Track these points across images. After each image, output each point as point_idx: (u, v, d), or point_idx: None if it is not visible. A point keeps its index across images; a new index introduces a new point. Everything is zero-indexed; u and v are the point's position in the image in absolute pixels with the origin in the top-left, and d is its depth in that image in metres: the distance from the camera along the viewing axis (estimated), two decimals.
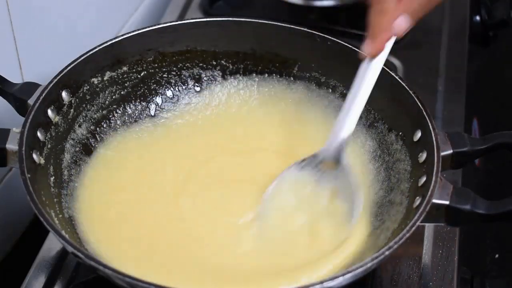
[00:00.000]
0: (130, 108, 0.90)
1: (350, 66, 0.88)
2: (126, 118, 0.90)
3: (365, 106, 0.87)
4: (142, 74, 0.91)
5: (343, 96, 0.90)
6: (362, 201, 0.78)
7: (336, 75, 0.90)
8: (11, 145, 0.74)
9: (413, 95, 0.81)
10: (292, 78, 0.93)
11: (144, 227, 0.80)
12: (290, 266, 0.75)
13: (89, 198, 0.81)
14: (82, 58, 0.83)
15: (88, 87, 0.85)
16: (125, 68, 0.89)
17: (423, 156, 0.78)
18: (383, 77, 0.84)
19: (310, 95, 0.92)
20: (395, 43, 1.11)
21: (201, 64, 0.93)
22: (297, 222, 0.79)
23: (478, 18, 1.22)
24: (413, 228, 0.69)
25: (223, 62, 0.93)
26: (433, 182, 0.72)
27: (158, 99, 0.92)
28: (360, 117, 0.88)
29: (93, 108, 0.87)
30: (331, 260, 0.75)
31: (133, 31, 0.88)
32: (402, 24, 0.75)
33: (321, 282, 0.64)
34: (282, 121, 0.92)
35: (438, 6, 0.77)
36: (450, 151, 0.77)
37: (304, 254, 0.77)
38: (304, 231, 0.79)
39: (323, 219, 0.79)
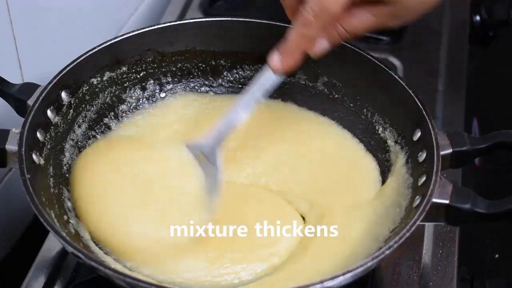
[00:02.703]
0: (129, 108, 0.90)
1: (349, 65, 0.88)
2: (126, 118, 0.90)
3: (365, 106, 0.88)
4: (141, 74, 0.91)
5: (342, 94, 0.90)
6: (216, 202, 0.79)
7: (335, 74, 0.90)
8: (11, 146, 0.74)
9: (413, 95, 0.81)
10: (291, 79, 0.93)
11: (145, 226, 0.80)
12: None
13: (89, 198, 0.81)
14: (82, 58, 0.83)
15: (87, 87, 0.85)
16: (124, 68, 0.89)
17: (423, 156, 0.78)
18: (383, 77, 0.84)
19: (310, 95, 0.93)
20: (395, 43, 1.12)
21: (200, 64, 0.93)
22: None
23: (478, 18, 1.22)
24: (413, 228, 0.69)
25: (222, 62, 0.93)
26: (433, 182, 0.72)
27: (158, 99, 0.92)
28: (360, 117, 0.89)
29: (92, 109, 0.87)
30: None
31: (132, 31, 0.88)
32: (321, 46, 0.75)
33: (321, 282, 0.64)
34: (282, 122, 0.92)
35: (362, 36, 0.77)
36: (450, 150, 0.77)
37: None
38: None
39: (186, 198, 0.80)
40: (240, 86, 0.94)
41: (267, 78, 0.78)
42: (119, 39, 0.87)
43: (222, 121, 0.79)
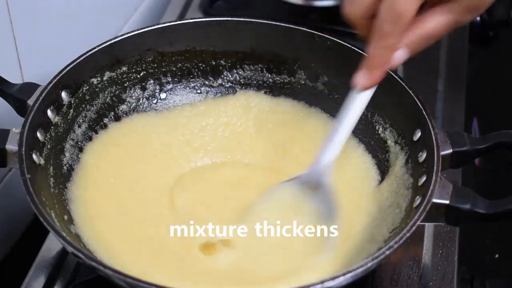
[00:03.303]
0: (129, 108, 0.90)
1: (350, 66, 0.88)
2: (125, 118, 0.90)
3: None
4: (141, 74, 0.91)
5: (342, 95, 0.90)
6: (337, 226, 0.78)
7: (335, 74, 0.90)
8: (11, 146, 0.74)
9: (413, 95, 0.81)
10: (292, 79, 0.93)
11: (145, 227, 0.80)
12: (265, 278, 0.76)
13: (89, 198, 0.81)
14: (82, 58, 0.83)
15: (87, 87, 0.85)
16: (124, 68, 0.89)
17: (423, 156, 0.78)
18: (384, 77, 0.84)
19: (310, 95, 0.93)
20: None
21: (200, 64, 0.93)
22: (273, 241, 0.79)
23: (478, 18, 1.22)
24: (413, 228, 0.69)
25: (222, 62, 0.93)
26: (433, 182, 0.72)
27: (158, 100, 0.92)
28: (360, 117, 0.88)
29: (92, 108, 0.87)
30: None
31: (132, 31, 0.88)
32: (401, 57, 0.74)
33: (322, 282, 0.64)
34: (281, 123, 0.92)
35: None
36: (450, 151, 0.77)
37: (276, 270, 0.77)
38: (279, 249, 0.79)
39: (299, 240, 0.79)
40: (240, 86, 0.94)
41: (359, 102, 0.77)
42: (119, 39, 0.87)
43: (324, 150, 0.79)
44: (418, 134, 0.80)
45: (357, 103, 0.77)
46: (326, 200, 0.79)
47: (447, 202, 0.72)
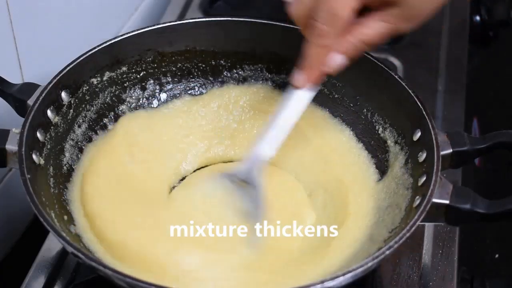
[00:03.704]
0: (129, 108, 0.90)
1: (350, 65, 0.88)
2: (126, 118, 0.90)
3: (365, 105, 0.88)
4: (141, 74, 0.91)
5: (342, 94, 0.90)
6: (260, 225, 0.78)
7: (336, 75, 0.90)
8: (11, 146, 0.74)
9: (413, 95, 0.81)
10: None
11: (145, 227, 0.80)
12: None
13: (89, 198, 0.81)
14: (82, 58, 0.83)
15: (87, 87, 0.85)
16: (124, 68, 0.89)
17: (423, 156, 0.78)
18: (383, 77, 0.84)
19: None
20: (395, 43, 1.12)
21: (200, 64, 0.93)
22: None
23: (478, 18, 1.22)
24: (413, 228, 0.69)
25: (222, 62, 0.93)
26: (433, 182, 0.72)
27: (158, 100, 0.92)
28: (360, 117, 0.89)
29: (92, 109, 0.87)
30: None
31: (132, 31, 0.88)
32: (337, 61, 0.74)
33: (322, 282, 0.64)
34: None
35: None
36: (450, 151, 0.77)
37: None
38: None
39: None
40: (240, 85, 0.94)
41: (297, 99, 0.78)
42: (119, 39, 0.87)
43: (252, 155, 0.79)
44: (418, 134, 0.80)
45: (295, 101, 0.78)
46: (255, 197, 0.79)
47: (447, 202, 0.72)
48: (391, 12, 0.73)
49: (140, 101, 0.91)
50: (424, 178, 0.75)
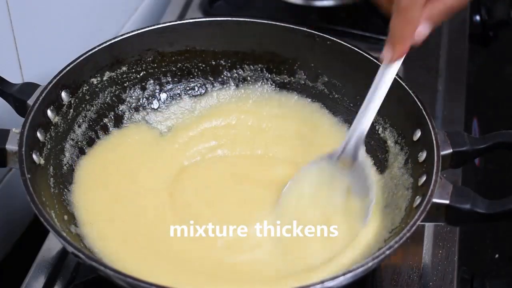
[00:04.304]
0: (129, 108, 0.90)
1: (350, 65, 0.88)
2: (126, 118, 0.90)
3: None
4: (141, 74, 0.91)
5: (342, 94, 0.90)
6: (374, 199, 0.79)
7: (335, 74, 0.90)
8: (11, 146, 0.74)
9: (413, 95, 0.81)
10: (292, 79, 0.93)
11: (148, 226, 0.79)
12: (303, 266, 0.76)
13: (89, 198, 0.81)
14: (82, 58, 0.83)
15: (87, 87, 0.85)
16: (124, 68, 0.89)
17: (423, 156, 0.78)
18: None
19: (310, 95, 0.93)
20: None
21: (200, 64, 0.93)
22: (311, 218, 0.80)
23: (478, 18, 1.22)
24: (414, 228, 0.69)
25: (222, 62, 0.93)
26: (433, 182, 0.72)
27: (158, 99, 0.92)
28: None
29: (92, 108, 0.87)
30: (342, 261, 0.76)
31: (132, 31, 0.88)
32: (423, 31, 0.75)
33: (322, 282, 0.64)
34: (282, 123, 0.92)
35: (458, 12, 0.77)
36: (450, 151, 0.77)
37: (317, 251, 0.78)
38: (317, 227, 0.79)
39: (337, 216, 0.80)
40: (240, 85, 0.94)
41: (387, 73, 0.78)
42: (119, 39, 0.87)
43: (358, 119, 0.79)
44: (418, 134, 0.80)
45: (386, 76, 0.78)
46: (361, 175, 0.79)
47: (447, 202, 0.72)
48: None
49: (140, 101, 0.91)
50: (424, 178, 0.75)
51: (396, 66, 0.78)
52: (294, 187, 0.82)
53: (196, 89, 0.94)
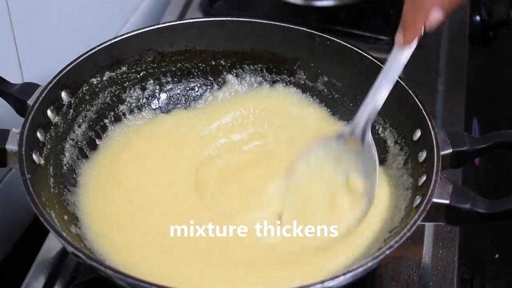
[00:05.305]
0: (129, 108, 0.90)
1: (350, 65, 0.88)
2: (126, 117, 0.90)
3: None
4: (141, 74, 0.91)
5: (342, 94, 0.90)
6: (378, 180, 0.79)
7: (335, 74, 0.90)
8: (11, 146, 0.74)
9: (413, 95, 0.81)
10: (292, 78, 0.93)
11: (149, 224, 0.79)
12: (312, 247, 0.78)
13: (89, 198, 0.81)
14: (82, 58, 0.83)
15: (87, 87, 0.85)
16: (124, 68, 0.89)
17: (423, 156, 0.78)
18: None
19: (310, 95, 0.93)
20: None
21: (200, 64, 0.93)
22: (318, 193, 0.82)
23: (478, 18, 1.22)
24: (414, 227, 0.69)
25: (222, 62, 0.93)
26: (433, 181, 0.72)
27: (158, 99, 0.92)
28: None
29: (92, 108, 0.87)
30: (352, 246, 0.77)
31: (132, 31, 0.88)
32: (435, 17, 0.76)
33: (322, 282, 0.64)
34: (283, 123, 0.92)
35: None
36: (450, 150, 0.77)
37: (323, 225, 0.79)
38: (324, 203, 0.81)
39: (343, 194, 0.81)
40: (240, 86, 0.94)
41: (399, 56, 0.78)
42: (119, 39, 0.87)
43: (365, 104, 0.80)
44: (418, 134, 0.80)
45: (398, 60, 0.78)
46: (368, 156, 0.80)
47: (447, 202, 0.72)
48: None
49: (140, 101, 0.91)
50: (424, 178, 0.75)
51: (409, 51, 0.78)
52: (301, 164, 0.83)
53: (196, 89, 0.94)
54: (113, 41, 0.86)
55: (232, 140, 0.91)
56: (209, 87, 0.94)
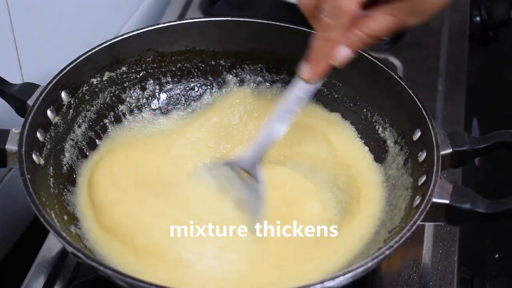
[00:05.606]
0: (129, 108, 0.90)
1: (349, 65, 0.88)
2: (125, 118, 0.90)
3: (365, 105, 0.88)
4: (141, 74, 0.91)
5: (342, 94, 0.90)
6: (260, 219, 0.78)
7: (335, 74, 0.90)
8: (11, 146, 0.74)
9: (413, 95, 0.81)
10: (292, 78, 0.93)
11: (146, 226, 0.79)
12: None
13: (89, 198, 0.81)
14: (82, 58, 0.83)
15: (87, 87, 0.85)
16: (124, 68, 0.89)
17: (422, 155, 0.78)
18: (383, 77, 0.84)
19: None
20: (395, 43, 1.12)
21: (200, 64, 0.93)
22: (208, 218, 0.80)
23: (478, 18, 1.22)
24: (414, 228, 0.69)
25: (222, 62, 0.93)
26: (433, 181, 0.72)
27: (158, 99, 0.92)
28: (360, 117, 0.89)
29: (92, 109, 0.87)
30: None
31: (132, 31, 0.88)
32: (343, 54, 0.75)
33: (322, 282, 0.64)
34: None
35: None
36: (450, 150, 0.77)
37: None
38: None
39: (234, 220, 0.80)
40: (239, 86, 0.94)
41: (300, 88, 0.78)
42: (119, 39, 0.87)
43: (260, 135, 0.80)
44: (418, 134, 0.80)
45: (299, 91, 0.78)
46: (255, 189, 0.79)
47: (447, 202, 0.72)
48: (398, 5, 0.73)
49: (140, 101, 0.91)
50: (424, 178, 0.75)
51: (311, 86, 0.78)
52: (199, 186, 0.83)
53: (196, 89, 0.94)
54: (113, 41, 0.86)
55: (232, 140, 0.91)
56: (209, 87, 0.94)
